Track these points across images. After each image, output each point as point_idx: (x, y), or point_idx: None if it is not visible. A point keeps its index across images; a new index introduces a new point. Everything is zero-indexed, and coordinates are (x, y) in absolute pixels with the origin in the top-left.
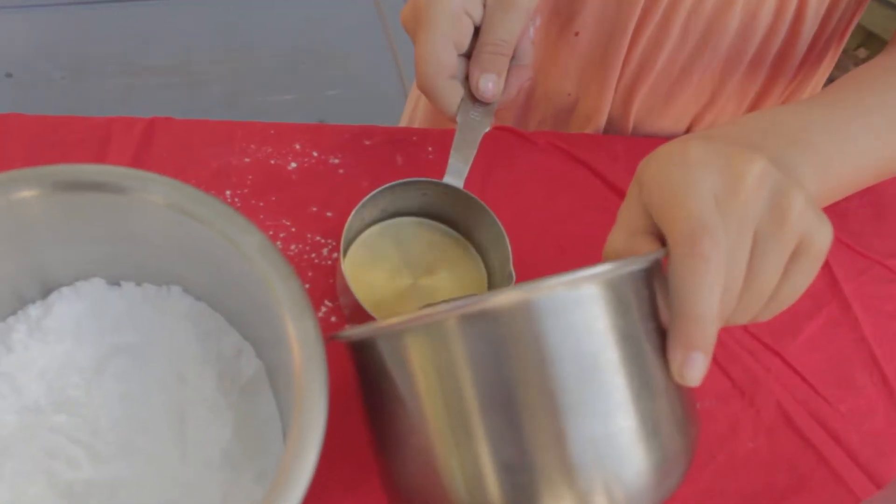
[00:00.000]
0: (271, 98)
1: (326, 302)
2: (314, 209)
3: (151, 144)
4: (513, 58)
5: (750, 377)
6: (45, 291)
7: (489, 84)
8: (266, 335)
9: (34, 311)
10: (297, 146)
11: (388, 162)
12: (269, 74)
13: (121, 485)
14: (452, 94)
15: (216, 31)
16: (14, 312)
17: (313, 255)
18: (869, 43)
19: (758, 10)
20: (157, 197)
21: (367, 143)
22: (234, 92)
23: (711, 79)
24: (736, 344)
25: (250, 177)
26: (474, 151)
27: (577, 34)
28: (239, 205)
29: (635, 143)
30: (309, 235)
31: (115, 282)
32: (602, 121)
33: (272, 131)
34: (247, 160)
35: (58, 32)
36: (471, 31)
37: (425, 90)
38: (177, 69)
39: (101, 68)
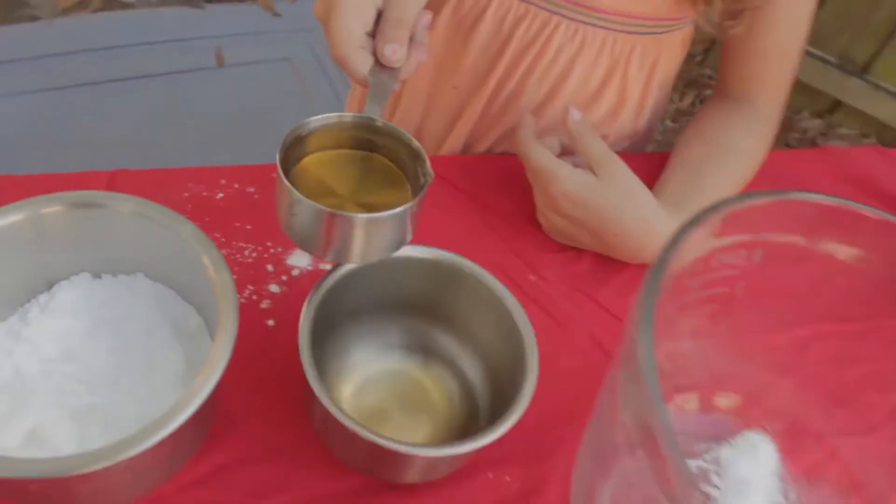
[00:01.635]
0: (211, 158)
1: (249, 286)
2: (237, 224)
3: (115, 189)
4: (411, 38)
5: (566, 315)
6: (49, 285)
7: (392, 49)
8: (204, 299)
9: (42, 298)
10: (223, 181)
11: None
12: (208, 141)
13: (109, 405)
14: (363, 60)
15: (161, 109)
16: (28, 301)
17: (237, 256)
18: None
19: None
20: (124, 208)
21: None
22: (179, 158)
23: None
24: (555, 292)
25: (189, 206)
26: (385, 102)
27: (455, 87)
28: None
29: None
30: (235, 242)
31: (97, 275)
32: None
33: (205, 174)
34: (186, 195)
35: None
36: (374, 14)
37: (339, 59)
38: (128, 142)
39: (59, 143)
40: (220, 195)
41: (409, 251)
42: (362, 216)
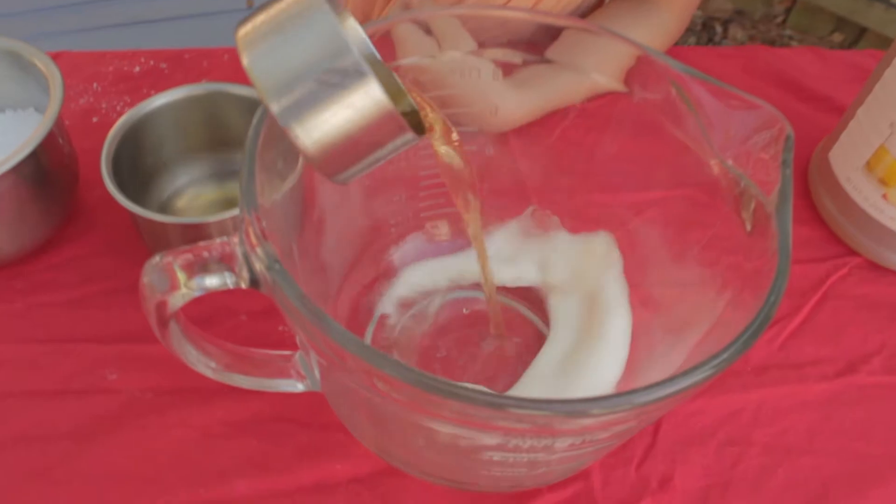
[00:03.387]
0: None
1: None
2: (143, 91)
3: None
4: None
5: None
6: None
7: None
8: None
9: None
10: (142, 59)
11: (194, 66)
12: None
13: None
14: None
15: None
16: None
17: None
18: (842, 27)
19: None
20: None
21: (187, 56)
22: None
23: None
24: None
25: (111, 76)
26: None
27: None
28: (100, 90)
29: None
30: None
31: (2, 110)
32: None
33: (129, 55)
34: (110, 69)
35: None
36: None
37: None
38: None
39: None
40: (137, 69)
41: (188, 90)
42: None
